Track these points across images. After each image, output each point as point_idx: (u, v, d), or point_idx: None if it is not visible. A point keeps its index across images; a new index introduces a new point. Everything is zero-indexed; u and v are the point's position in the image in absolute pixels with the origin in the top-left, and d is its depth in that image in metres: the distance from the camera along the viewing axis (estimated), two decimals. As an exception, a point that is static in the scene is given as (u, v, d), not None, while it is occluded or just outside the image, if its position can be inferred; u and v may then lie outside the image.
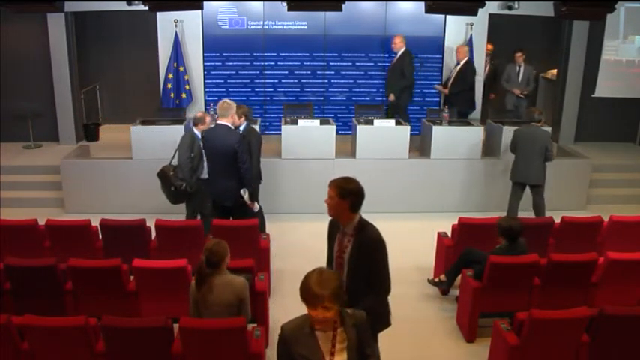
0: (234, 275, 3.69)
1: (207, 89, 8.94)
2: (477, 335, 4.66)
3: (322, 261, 6.05)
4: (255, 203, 5.62)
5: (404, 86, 8.21)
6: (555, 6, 7.21)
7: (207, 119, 5.93)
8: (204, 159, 5.68)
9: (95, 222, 5.26)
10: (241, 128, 5.86)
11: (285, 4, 6.66)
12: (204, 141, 5.49)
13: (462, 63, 8.33)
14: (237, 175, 5.31)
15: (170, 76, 8.52)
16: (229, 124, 5.35)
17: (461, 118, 8.07)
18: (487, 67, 9.17)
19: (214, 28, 8.70)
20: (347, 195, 3.17)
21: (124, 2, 7.54)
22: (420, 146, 7.85)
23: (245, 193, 5.37)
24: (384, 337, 4.73)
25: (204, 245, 3.67)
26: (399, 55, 8.25)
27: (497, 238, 4.72)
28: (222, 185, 5.38)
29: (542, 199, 6.58)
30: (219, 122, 5.35)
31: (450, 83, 8.45)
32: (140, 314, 4.40)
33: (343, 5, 6.49)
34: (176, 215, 5.94)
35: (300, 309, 5.54)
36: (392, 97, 8.22)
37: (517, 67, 8.68)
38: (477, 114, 8.97)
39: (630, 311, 3.90)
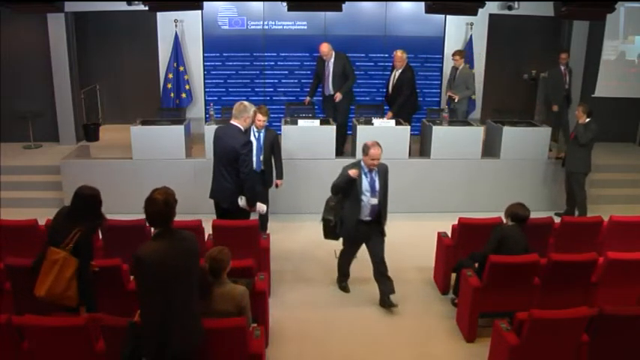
0: (234, 285, 3.66)
1: (207, 89, 8.95)
2: (477, 335, 4.66)
3: (322, 261, 6.08)
4: (262, 206, 5.46)
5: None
6: (555, 6, 7.23)
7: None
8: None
9: (95, 222, 5.25)
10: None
11: (285, 4, 6.67)
12: (215, 138, 5.38)
13: (399, 71, 7.84)
14: (235, 178, 5.18)
15: (170, 76, 8.53)
16: (240, 127, 5.21)
17: (407, 121, 7.62)
18: (566, 77, 8.49)
19: (214, 28, 8.71)
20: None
21: (124, 2, 7.55)
22: (420, 146, 7.85)
23: (242, 200, 5.24)
24: (384, 337, 4.75)
25: (207, 253, 3.65)
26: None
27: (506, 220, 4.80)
28: (221, 185, 5.32)
29: None
30: (231, 122, 5.25)
31: (390, 91, 7.95)
32: (140, 314, 4.39)
33: (343, 5, 6.50)
34: (176, 215, 5.92)
35: (300, 309, 5.56)
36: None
37: (454, 72, 8.17)
38: (476, 114, 8.98)
39: (630, 311, 3.90)
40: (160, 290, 3.01)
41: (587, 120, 6.84)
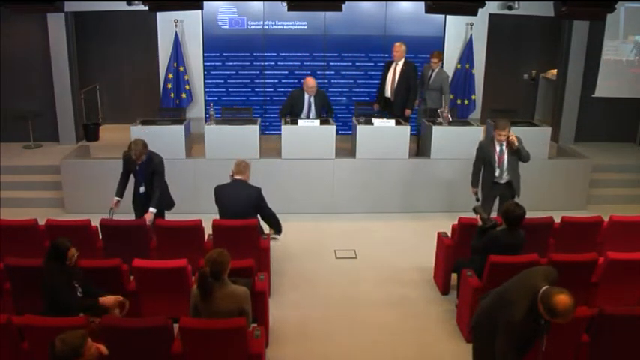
0: (236, 286, 3.70)
1: (207, 89, 8.95)
2: (477, 335, 4.66)
3: (322, 261, 6.08)
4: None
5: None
6: (555, 6, 7.21)
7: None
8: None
9: (95, 222, 5.26)
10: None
11: (285, 4, 6.66)
12: (223, 196, 5.45)
13: (400, 63, 7.81)
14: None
15: (170, 76, 8.54)
16: (247, 181, 5.48)
17: (405, 120, 7.69)
18: None
19: (214, 28, 8.71)
20: None
21: (124, 2, 7.54)
22: (420, 146, 7.84)
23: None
24: (384, 337, 4.74)
25: (207, 256, 3.67)
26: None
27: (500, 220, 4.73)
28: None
29: None
30: (236, 178, 5.46)
31: (394, 89, 7.85)
32: (140, 314, 4.40)
33: (343, 5, 6.49)
34: (177, 215, 5.94)
35: (300, 309, 5.54)
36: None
37: (430, 72, 8.02)
38: (477, 114, 8.98)
39: (630, 311, 3.90)
40: None
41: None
